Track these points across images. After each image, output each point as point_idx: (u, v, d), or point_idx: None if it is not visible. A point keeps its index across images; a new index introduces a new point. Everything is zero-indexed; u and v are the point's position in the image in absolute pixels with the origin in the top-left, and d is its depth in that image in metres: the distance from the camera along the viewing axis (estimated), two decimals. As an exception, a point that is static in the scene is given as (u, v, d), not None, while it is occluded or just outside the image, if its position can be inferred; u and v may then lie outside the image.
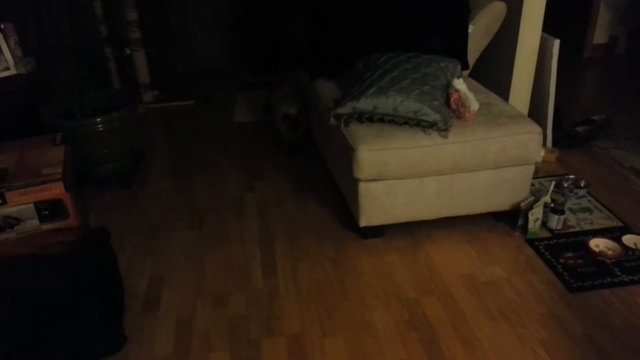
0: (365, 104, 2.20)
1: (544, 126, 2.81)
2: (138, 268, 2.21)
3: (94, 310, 1.70)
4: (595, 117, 3.19)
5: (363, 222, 2.28)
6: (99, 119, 2.59)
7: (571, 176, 2.63)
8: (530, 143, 2.22)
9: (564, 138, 3.02)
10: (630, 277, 2.04)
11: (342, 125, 2.27)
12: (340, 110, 2.27)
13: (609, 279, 2.04)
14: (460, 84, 2.27)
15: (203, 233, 2.44)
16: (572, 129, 3.07)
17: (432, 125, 2.16)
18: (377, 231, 2.35)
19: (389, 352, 1.78)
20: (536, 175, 2.65)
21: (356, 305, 1.99)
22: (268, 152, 3.18)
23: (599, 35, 4.62)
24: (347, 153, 2.18)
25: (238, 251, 2.31)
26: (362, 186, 2.20)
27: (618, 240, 2.20)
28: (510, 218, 2.37)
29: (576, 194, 2.54)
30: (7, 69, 2.90)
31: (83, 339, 1.70)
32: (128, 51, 3.72)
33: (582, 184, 2.57)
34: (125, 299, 2.01)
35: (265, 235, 2.41)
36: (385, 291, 2.05)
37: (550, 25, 2.84)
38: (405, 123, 2.20)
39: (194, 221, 2.53)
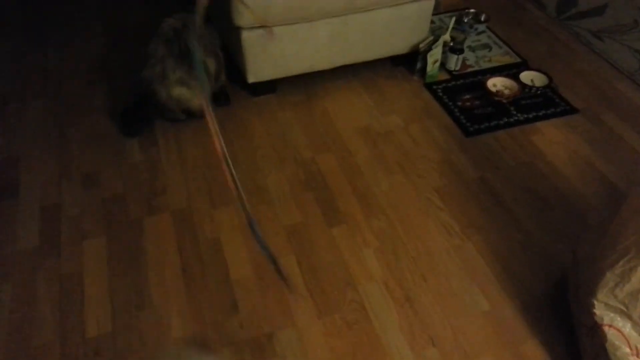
0: None
1: (446, -46, 2.54)
2: (-15, 151, 1.86)
3: None
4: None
5: (251, 77, 2.03)
6: None
7: (472, 10, 2.46)
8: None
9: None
10: (525, 116, 2.02)
11: (215, -40, 1.87)
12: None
13: (505, 119, 2.00)
14: None
15: (62, 102, 2.07)
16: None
17: (320, -44, 1.83)
18: (269, 87, 2.11)
19: (284, 216, 1.67)
20: (437, 11, 2.45)
21: (248, 170, 1.82)
22: (134, 5, 2.68)
23: None
24: (225, -5, 1.83)
25: (107, 120, 1.99)
26: (245, 35, 1.90)
27: (516, 78, 2.14)
28: (409, 62, 2.21)
29: (476, 29, 2.40)
30: None
31: None
32: None
33: (482, 18, 2.42)
34: (-28, 189, 1.71)
35: (140, 99, 2.09)
36: (279, 153, 1.89)
37: None
38: (290, -46, 1.85)
39: (49, 89, 2.13)
